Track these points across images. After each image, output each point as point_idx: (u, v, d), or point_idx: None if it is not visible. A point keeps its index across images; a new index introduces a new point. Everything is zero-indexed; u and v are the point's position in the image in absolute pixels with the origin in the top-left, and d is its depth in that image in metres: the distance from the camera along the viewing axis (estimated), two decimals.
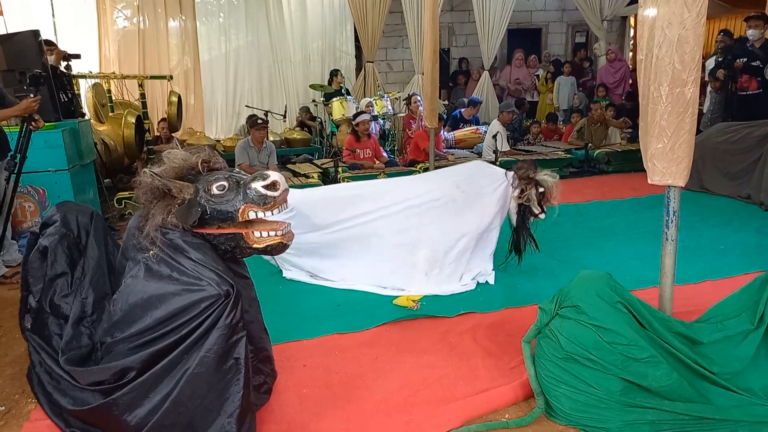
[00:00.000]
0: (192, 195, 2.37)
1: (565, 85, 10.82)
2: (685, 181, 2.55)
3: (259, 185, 2.34)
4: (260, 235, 2.40)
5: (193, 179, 2.43)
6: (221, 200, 2.36)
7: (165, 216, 2.34)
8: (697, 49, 2.37)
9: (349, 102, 8.86)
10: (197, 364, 2.17)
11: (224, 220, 2.38)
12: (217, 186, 2.37)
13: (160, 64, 9.76)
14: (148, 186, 2.40)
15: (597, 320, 2.41)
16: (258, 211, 2.36)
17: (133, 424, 2.22)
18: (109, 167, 6.95)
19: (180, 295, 2.23)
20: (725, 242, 4.82)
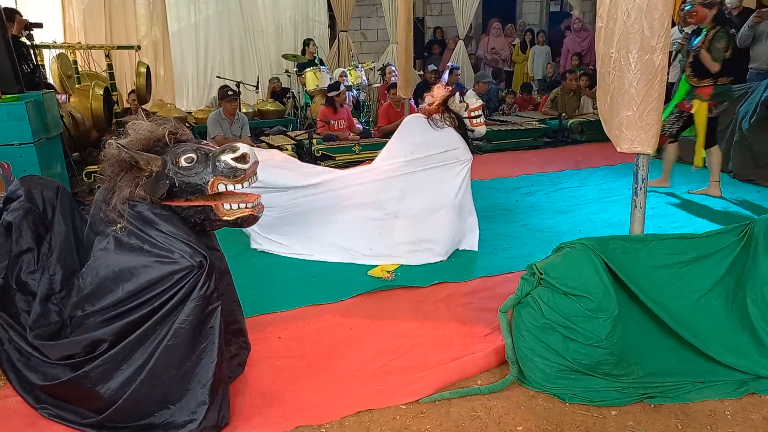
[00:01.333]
0: (160, 167, 2.32)
1: (539, 55, 10.79)
2: (654, 149, 2.57)
3: (229, 158, 2.30)
4: (230, 207, 2.38)
5: (160, 151, 2.38)
6: (190, 173, 2.33)
7: (132, 189, 2.30)
8: (666, 16, 2.37)
9: (323, 72, 8.73)
10: (171, 336, 2.18)
11: (193, 192, 2.35)
12: (186, 158, 2.33)
13: (127, 34, 9.48)
14: (114, 158, 2.34)
15: (579, 290, 2.43)
16: (228, 183, 2.33)
17: (106, 397, 2.21)
18: (77, 140, 6.77)
19: (152, 267, 2.22)
20: (694, 209, 4.91)
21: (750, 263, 2.65)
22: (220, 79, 8.87)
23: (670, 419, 2.35)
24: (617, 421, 2.35)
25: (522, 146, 7.57)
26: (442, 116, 4.14)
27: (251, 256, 4.13)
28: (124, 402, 2.20)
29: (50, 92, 5.55)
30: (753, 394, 2.48)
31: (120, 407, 2.21)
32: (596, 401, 2.44)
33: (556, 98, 8.53)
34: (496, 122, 8.12)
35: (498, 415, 2.40)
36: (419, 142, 4.11)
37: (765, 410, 2.39)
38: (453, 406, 2.46)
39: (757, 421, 2.33)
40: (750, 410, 2.39)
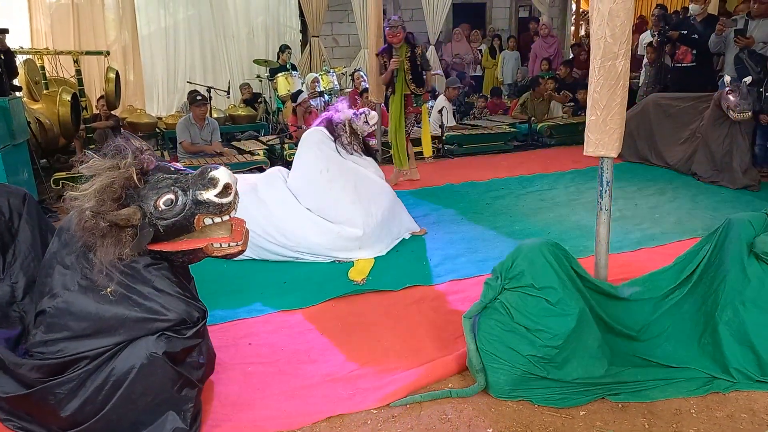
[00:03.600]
0: (140, 219, 2.19)
1: (509, 60, 10.92)
2: (617, 152, 2.63)
3: (212, 195, 2.20)
4: (220, 246, 2.28)
5: (133, 195, 2.21)
6: (171, 214, 2.21)
7: (119, 250, 2.17)
8: (627, 23, 2.43)
9: (295, 77, 8.71)
10: (149, 363, 2.16)
11: (179, 233, 2.25)
12: (164, 201, 2.20)
13: (96, 39, 9.34)
14: (92, 227, 2.16)
15: (544, 283, 2.47)
16: (214, 218, 2.25)
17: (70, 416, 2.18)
18: (44, 147, 6.66)
19: (143, 322, 2.18)
20: (660, 211, 5.02)
21: (723, 266, 2.70)
22: (191, 84, 8.79)
23: (637, 418, 2.40)
24: (585, 421, 2.39)
25: (493, 150, 7.65)
26: (350, 139, 4.37)
27: (222, 262, 4.10)
28: (95, 423, 2.17)
29: (17, 98, 5.44)
30: (717, 393, 2.53)
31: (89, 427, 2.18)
32: (561, 403, 2.48)
33: (526, 102, 8.64)
34: (467, 126, 8.20)
35: (468, 417, 2.42)
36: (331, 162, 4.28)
37: (729, 408, 2.45)
38: (424, 409, 2.48)
39: (721, 418, 2.39)
40: (714, 408, 2.45)
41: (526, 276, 2.49)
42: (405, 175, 6.22)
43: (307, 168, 4.30)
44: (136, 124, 8.26)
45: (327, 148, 4.30)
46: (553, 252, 2.54)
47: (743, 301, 2.60)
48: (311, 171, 4.26)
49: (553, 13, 12.11)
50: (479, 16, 12.60)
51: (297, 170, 4.36)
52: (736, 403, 2.48)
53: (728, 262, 2.67)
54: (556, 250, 2.56)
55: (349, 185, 4.21)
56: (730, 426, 2.35)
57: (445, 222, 4.86)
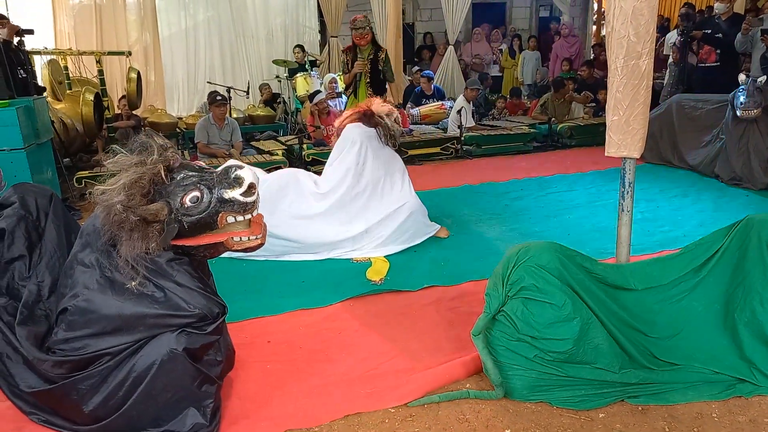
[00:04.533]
0: (167, 215, 2.23)
1: (529, 60, 10.86)
2: (640, 153, 2.60)
3: (238, 194, 2.23)
4: (240, 239, 2.31)
5: (161, 192, 2.26)
6: (197, 211, 2.24)
7: (146, 244, 2.19)
8: (651, 21, 2.40)
9: (314, 78, 8.74)
10: (169, 359, 2.18)
11: (201, 230, 2.28)
12: (191, 198, 2.24)
13: (117, 39, 9.48)
14: (121, 220, 2.19)
15: (544, 291, 2.45)
16: (237, 216, 2.28)
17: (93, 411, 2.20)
18: (67, 146, 6.77)
19: (164, 318, 2.21)
20: (683, 213, 4.95)
21: (741, 266, 2.65)
22: (211, 85, 8.87)
23: (657, 422, 2.37)
24: (605, 424, 2.37)
25: (512, 151, 7.61)
26: (384, 132, 4.39)
27: (242, 261, 4.13)
28: (116, 419, 2.20)
29: (41, 98, 5.54)
30: (740, 397, 2.49)
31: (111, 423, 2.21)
32: (581, 405, 2.46)
33: (546, 103, 8.59)
34: (486, 127, 8.17)
35: (486, 418, 2.41)
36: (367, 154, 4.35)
37: (751, 413, 2.41)
38: (442, 409, 2.47)
39: (743, 423, 2.35)
40: (736, 413, 2.41)
41: (526, 281, 2.47)
42: None
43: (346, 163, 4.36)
44: (157, 123, 8.36)
45: (366, 141, 4.35)
46: (555, 255, 2.51)
47: (762, 301, 2.56)
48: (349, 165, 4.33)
49: (574, 13, 12.01)
50: (499, 16, 12.55)
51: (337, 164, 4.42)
52: (758, 407, 2.44)
53: (748, 262, 2.61)
54: (559, 252, 2.53)
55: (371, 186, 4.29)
56: (752, 431, 2.31)
57: (464, 223, 4.84)
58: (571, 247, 3.69)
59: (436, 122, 8.80)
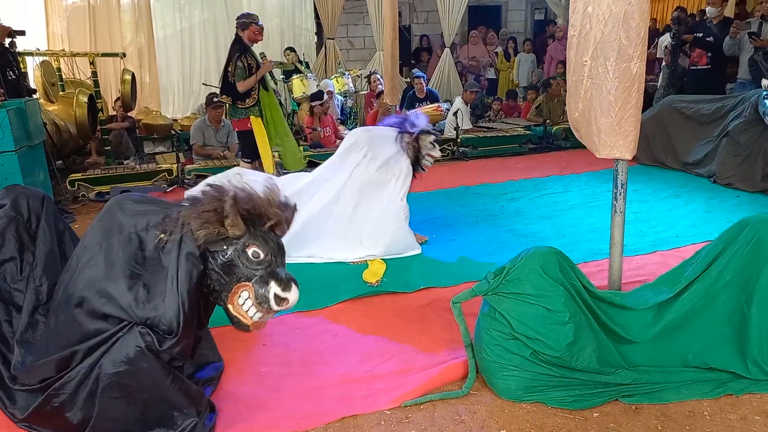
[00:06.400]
0: (234, 238, 2.17)
1: (525, 63, 10.89)
2: (632, 155, 2.62)
3: (278, 291, 2.16)
4: (242, 303, 2.21)
5: (249, 224, 2.20)
6: (244, 264, 2.18)
7: (204, 230, 2.15)
8: (642, 25, 2.42)
9: (310, 80, 8.75)
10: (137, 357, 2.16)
11: (225, 274, 2.20)
12: (253, 252, 2.18)
13: (112, 41, 9.45)
14: (212, 201, 2.17)
15: (541, 295, 2.47)
16: (248, 301, 2.20)
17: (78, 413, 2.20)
18: (60, 148, 6.75)
19: (132, 307, 2.16)
20: (675, 214, 4.98)
21: (757, 268, 2.64)
22: (206, 87, 8.87)
23: (651, 420, 2.39)
24: (599, 423, 2.38)
25: (507, 152, 7.64)
26: (412, 141, 4.32)
27: None
28: (99, 422, 2.18)
29: (33, 100, 5.52)
30: (731, 395, 2.52)
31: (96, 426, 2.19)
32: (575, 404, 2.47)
33: (541, 105, 8.62)
34: (483, 129, 8.19)
35: (482, 419, 2.43)
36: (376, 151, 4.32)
37: (742, 411, 2.43)
38: (437, 410, 2.48)
39: (734, 421, 2.37)
40: (728, 410, 2.43)
41: (524, 282, 2.49)
42: None
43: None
44: (151, 125, 8.35)
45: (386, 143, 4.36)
46: (556, 261, 2.52)
47: None
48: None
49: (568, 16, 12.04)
50: (495, 19, 12.59)
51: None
52: (749, 405, 2.46)
53: (765, 262, 2.62)
54: (560, 258, 2.55)
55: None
56: (743, 428, 2.33)
57: (460, 224, 4.86)
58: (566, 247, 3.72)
59: (432, 124, 8.80)
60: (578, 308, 2.50)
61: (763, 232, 2.61)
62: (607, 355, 2.55)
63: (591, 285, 2.62)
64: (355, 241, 4.22)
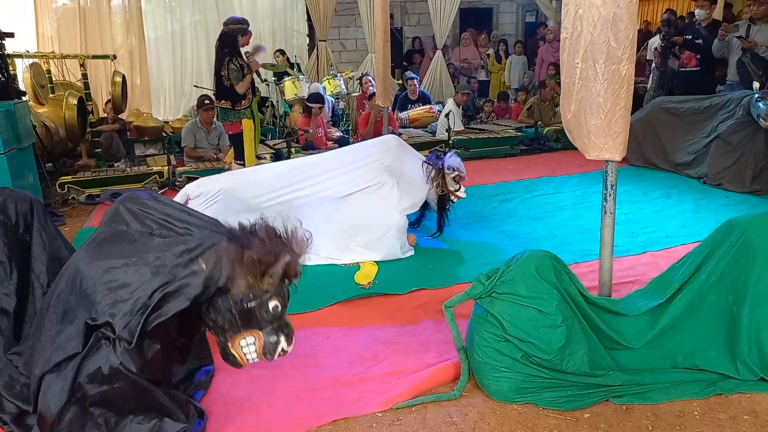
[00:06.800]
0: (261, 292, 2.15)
1: (516, 65, 10.93)
2: (622, 156, 2.63)
3: (285, 346, 2.20)
4: (245, 345, 2.19)
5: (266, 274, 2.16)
6: (259, 315, 2.17)
7: (242, 277, 2.12)
8: (631, 27, 2.44)
9: (302, 82, 8.75)
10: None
11: (237, 318, 2.16)
12: (273, 307, 2.18)
13: (102, 43, 9.42)
14: (270, 253, 2.14)
15: (534, 297, 2.48)
16: (252, 347, 2.20)
17: None
18: (50, 151, 6.71)
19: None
20: (665, 215, 5.01)
21: (745, 268, 2.66)
22: (198, 89, 8.84)
23: (641, 420, 2.40)
24: (590, 423, 2.39)
25: (499, 154, 7.66)
26: (437, 177, 4.36)
27: None
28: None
29: (22, 102, 5.49)
30: (720, 395, 2.53)
31: None
32: (566, 405, 2.49)
33: (532, 107, 8.65)
34: (474, 130, 8.21)
35: (473, 420, 2.43)
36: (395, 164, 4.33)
37: (732, 410, 2.45)
38: (429, 412, 2.48)
39: (724, 420, 2.39)
40: (717, 410, 2.45)
41: (518, 284, 2.49)
42: None
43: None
44: (142, 128, 8.32)
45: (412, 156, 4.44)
46: (551, 264, 2.53)
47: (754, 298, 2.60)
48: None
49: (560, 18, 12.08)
50: (486, 21, 12.64)
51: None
52: (738, 405, 2.48)
53: (753, 262, 2.64)
54: (555, 263, 2.56)
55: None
56: (732, 428, 2.35)
57: (452, 225, 4.85)
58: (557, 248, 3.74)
59: (424, 126, 8.84)
60: (571, 312, 2.51)
61: (750, 232, 2.64)
62: (599, 358, 2.57)
63: (585, 290, 2.63)
64: (348, 243, 4.20)
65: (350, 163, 4.33)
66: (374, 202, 4.20)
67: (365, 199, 4.21)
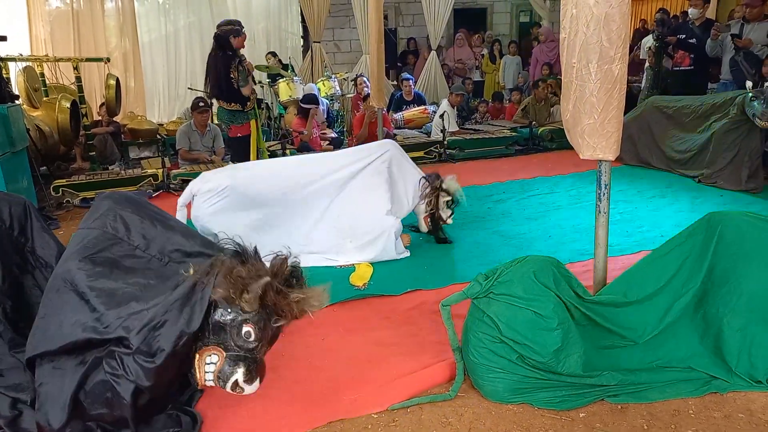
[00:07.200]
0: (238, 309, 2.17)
1: (510, 65, 10.95)
2: (615, 155, 2.63)
3: (240, 379, 2.18)
4: (207, 363, 2.20)
5: (263, 307, 2.20)
6: (229, 334, 2.17)
7: (221, 285, 2.16)
8: (623, 27, 2.44)
9: (296, 83, 8.75)
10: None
11: (209, 329, 2.17)
12: (246, 333, 2.18)
13: (96, 46, 9.41)
14: (255, 275, 2.19)
15: (531, 299, 2.47)
16: (211, 366, 2.20)
17: None
18: (44, 154, 6.69)
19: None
20: (660, 214, 5.02)
21: (722, 266, 2.68)
22: (192, 91, 8.83)
23: (636, 420, 2.40)
24: (585, 423, 2.39)
25: (494, 154, 7.67)
26: (430, 195, 4.37)
27: None
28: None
29: (16, 105, 5.47)
30: (715, 393, 2.54)
31: None
32: (561, 405, 2.48)
33: (527, 107, 8.67)
34: (469, 131, 8.22)
35: (469, 421, 2.43)
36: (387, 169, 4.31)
37: (727, 409, 2.45)
38: (424, 413, 2.48)
39: (719, 419, 2.39)
40: (712, 409, 2.45)
41: (515, 285, 2.49)
42: None
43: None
44: (136, 130, 8.30)
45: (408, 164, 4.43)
46: (551, 270, 2.53)
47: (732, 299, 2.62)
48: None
49: (554, 18, 12.13)
50: (480, 22, 12.66)
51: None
52: (734, 403, 2.48)
53: (745, 267, 2.64)
54: (555, 269, 2.56)
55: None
56: (727, 426, 2.35)
57: (447, 226, 4.85)
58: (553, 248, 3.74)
59: (419, 126, 8.85)
60: (567, 315, 2.51)
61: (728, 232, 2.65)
62: (594, 359, 2.56)
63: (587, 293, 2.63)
64: (344, 244, 4.19)
65: (353, 163, 4.31)
66: (371, 203, 4.20)
67: (363, 200, 4.21)
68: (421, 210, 4.46)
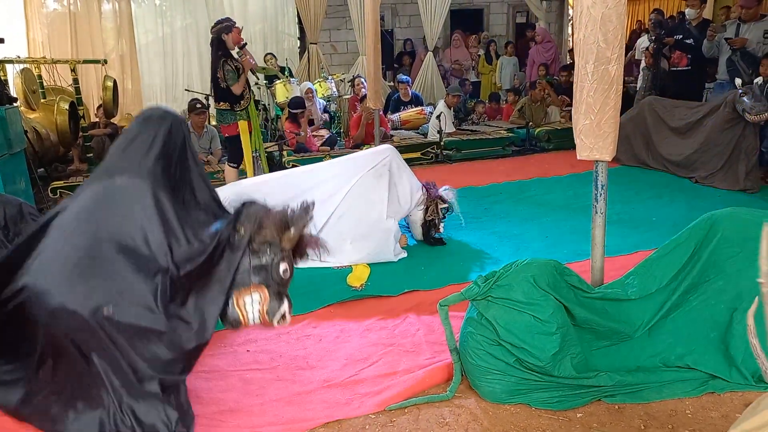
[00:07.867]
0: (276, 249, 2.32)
1: (507, 66, 10.96)
2: (612, 156, 2.65)
3: (286, 311, 2.38)
4: (249, 303, 2.32)
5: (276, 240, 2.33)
6: (269, 273, 2.31)
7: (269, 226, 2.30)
8: (619, 27, 2.45)
9: (293, 84, 8.74)
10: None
11: (249, 272, 2.30)
12: (284, 270, 2.35)
13: (93, 48, 9.38)
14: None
15: (530, 303, 2.48)
16: (256, 305, 2.32)
17: None
18: (42, 156, 6.68)
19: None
20: (657, 214, 5.03)
21: (718, 264, 2.69)
22: (189, 92, 8.82)
23: (633, 420, 2.41)
24: (582, 423, 2.40)
25: (491, 155, 7.67)
26: (428, 203, 4.42)
27: None
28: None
29: (13, 107, 5.46)
30: (712, 393, 2.54)
31: None
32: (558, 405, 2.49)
33: (524, 107, 8.68)
34: (466, 132, 8.23)
35: (466, 421, 2.43)
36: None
37: (723, 409, 2.46)
38: (422, 413, 2.48)
39: (716, 419, 2.40)
40: (709, 408, 2.46)
41: (514, 289, 2.49)
42: None
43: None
44: None
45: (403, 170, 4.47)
46: (551, 274, 2.54)
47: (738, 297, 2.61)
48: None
49: (550, 19, 12.17)
50: (477, 22, 12.66)
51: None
52: (731, 403, 2.49)
53: (750, 266, 2.63)
54: (556, 271, 2.56)
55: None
56: (725, 426, 2.35)
57: (444, 227, 4.86)
58: (550, 248, 3.74)
59: (416, 127, 8.85)
60: (566, 318, 2.51)
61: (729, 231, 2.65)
62: (592, 359, 2.57)
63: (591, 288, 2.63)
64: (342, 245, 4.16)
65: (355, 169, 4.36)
66: (371, 205, 4.23)
67: (364, 202, 4.24)
68: (417, 218, 4.48)
